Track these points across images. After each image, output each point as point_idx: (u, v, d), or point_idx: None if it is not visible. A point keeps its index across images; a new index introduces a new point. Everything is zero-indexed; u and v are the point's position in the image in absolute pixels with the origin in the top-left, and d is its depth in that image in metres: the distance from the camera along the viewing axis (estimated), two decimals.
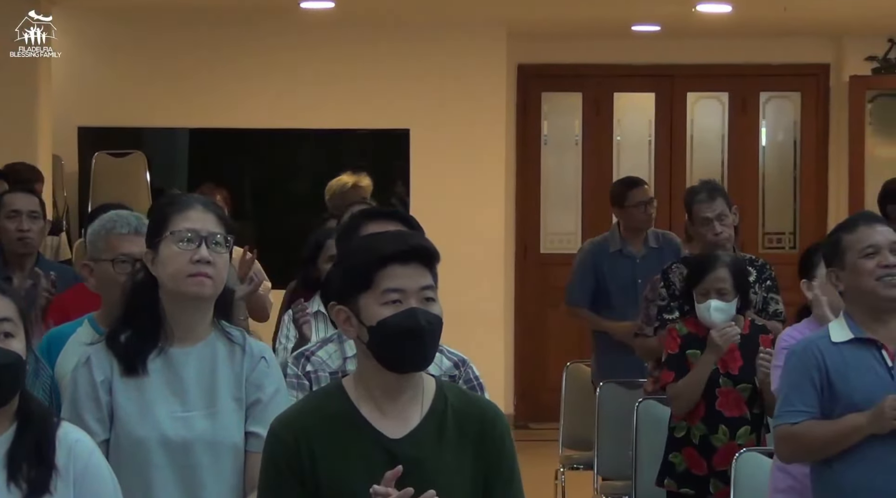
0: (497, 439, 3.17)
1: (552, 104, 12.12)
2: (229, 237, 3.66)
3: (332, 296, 3.19)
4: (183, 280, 3.59)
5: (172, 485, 3.57)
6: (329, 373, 3.95)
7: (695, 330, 5.89)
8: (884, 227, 4.45)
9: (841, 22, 11.11)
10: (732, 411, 5.80)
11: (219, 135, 11.14)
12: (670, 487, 5.90)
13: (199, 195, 3.83)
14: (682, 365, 5.85)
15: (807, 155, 12.00)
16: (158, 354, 3.62)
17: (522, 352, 11.81)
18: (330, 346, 4.01)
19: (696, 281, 5.85)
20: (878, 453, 4.24)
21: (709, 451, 5.80)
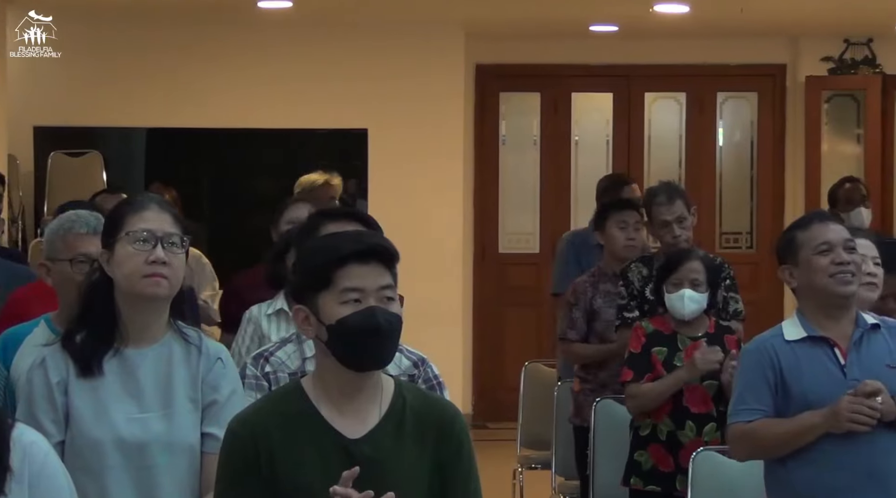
0: (455, 439, 3.17)
1: (510, 104, 12.13)
2: (185, 237, 3.64)
3: (292, 296, 3.18)
4: (139, 281, 3.57)
5: (128, 486, 3.55)
6: (288, 373, 3.93)
7: (661, 327, 5.91)
8: (837, 226, 4.48)
9: (797, 23, 11.16)
10: (699, 408, 5.82)
11: (176, 134, 11.11)
12: (636, 485, 5.91)
13: (155, 195, 3.80)
14: (644, 364, 5.86)
15: (763, 155, 12.05)
16: (114, 355, 3.60)
17: (481, 351, 11.82)
18: (289, 346, 4.00)
19: (670, 272, 5.87)
20: (831, 452, 4.27)
21: (675, 447, 5.82)
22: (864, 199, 8.28)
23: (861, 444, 4.25)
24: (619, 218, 6.87)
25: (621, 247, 6.82)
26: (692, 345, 5.87)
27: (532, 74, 11.94)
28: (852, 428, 4.22)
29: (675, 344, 5.89)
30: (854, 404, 4.22)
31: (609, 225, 6.89)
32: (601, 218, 6.98)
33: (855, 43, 11.71)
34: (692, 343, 5.87)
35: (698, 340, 5.89)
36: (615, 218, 6.88)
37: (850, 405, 4.22)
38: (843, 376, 4.31)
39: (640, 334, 5.92)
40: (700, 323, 5.92)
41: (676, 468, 5.79)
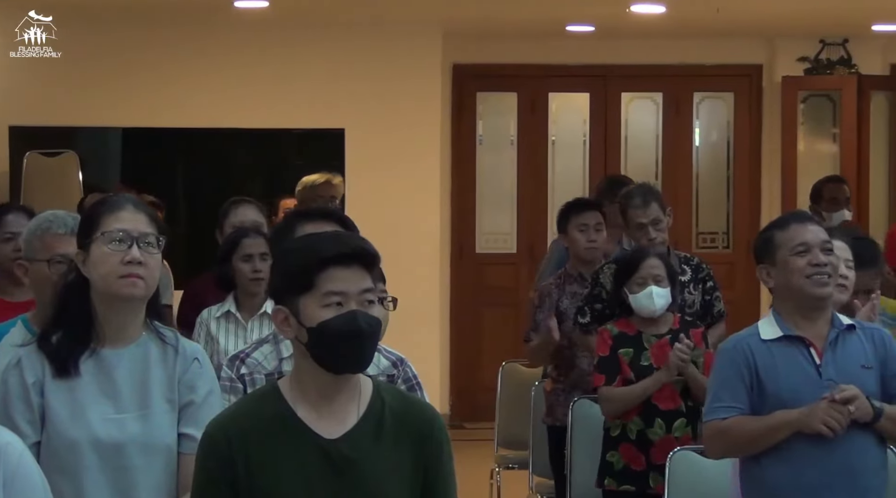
0: (434, 440, 3.17)
1: (487, 104, 12.13)
2: (161, 237, 3.63)
3: (271, 296, 3.18)
4: (115, 281, 3.56)
5: (104, 487, 3.54)
6: (264, 374, 3.92)
7: (626, 329, 5.93)
8: (815, 226, 4.50)
9: (773, 23, 11.19)
10: (668, 404, 5.84)
11: (152, 134, 11.08)
12: (610, 486, 5.93)
13: (130, 195, 3.79)
14: (614, 366, 5.88)
15: (740, 155, 12.08)
16: (90, 356, 3.59)
17: (458, 351, 11.82)
18: (265, 347, 3.98)
19: (631, 272, 5.89)
20: (805, 450, 4.28)
21: (646, 445, 5.84)
22: (848, 202, 8.32)
23: (835, 443, 4.27)
24: (579, 221, 6.89)
25: (583, 249, 6.84)
26: (657, 343, 5.89)
27: (509, 74, 11.95)
28: (823, 431, 4.23)
29: (640, 344, 5.91)
30: (831, 410, 4.23)
31: (570, 228, 6.91)
32: (563, 220, 6.99)
33: (831, 43, 11.75)
34: (657, 341, 5.89)
35: (663, 337, 5.91)
36: (575, 221, 6.90)
37: (827, 409, 4.24)
38: (819, 376, 4.33)
39: (606, 338, 5.94)
40: (664, 321, 5.95)
41: (648, 466, 5.82)
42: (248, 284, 5.88)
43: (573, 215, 6.92)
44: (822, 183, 8.66)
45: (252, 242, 5.94)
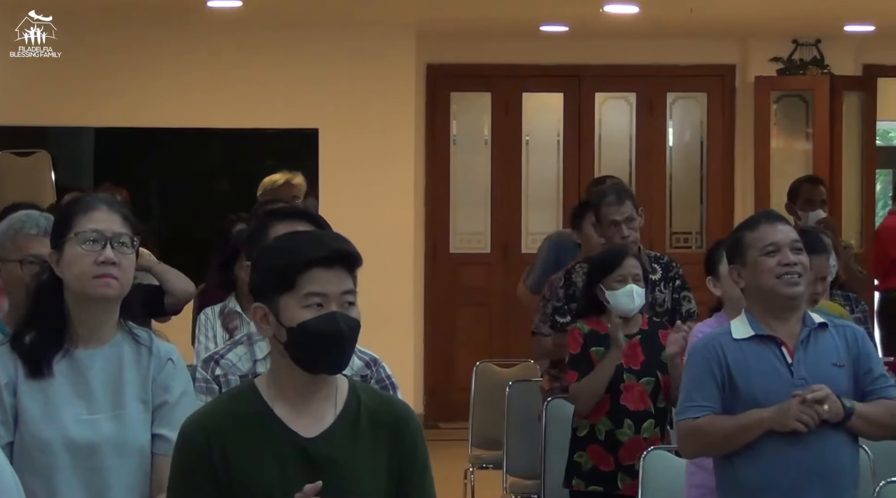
0: (410, 438, 3.18)
1: (461, 104, 12.14)
2: (135, 238, 3.63)
3: (251, 293, 3.18)
4: (88, 281, 3.55)
5: (77, 488, 3.53)
6: (239, 376, 3.92)
7: (597, 327, 5.93)
8: (785, 226, 4.50)
9: (746, 23, 11.22)
10: (637, 405, 5.85)
11: (125, 134, 11.05)
12: (578, 486, 5.93)
13: (104, 195, 3.78)
14: (586, 364, 5.89)
15: (713, 155, 12.11)
16: (64, 356, 3.58)
17: (432, 351, 11.82)
18: (239, 348, 3.98)
19: (610, 270, 5.89)
20: (779, 449, 4.29)
21: (615, 446, 5.84)
22: (824, 203, 8.35)
23: (807, 442, 4.28)
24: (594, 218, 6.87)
25: (597, 245, 6.83)
26: (628, 343, 5.89)
27: (483, 74, 11.95)
28: (798, 427, 4.24)
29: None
30: (804, 409, 4.24)
31: (585, 224, 6.94)
32: (578, 217, 7.01)
33: (803, 44, 11.79)
34: (628, 341, 5.90)
35: (633, 337, 5.93)
36: (591, 217, 6.89)
37: (800, 407, 4.25)
38: (791, 375, 4.34)
39: (577, 336, 5.95)
40: (634, 321, 5.96)
41: (617, 467, 5.82)
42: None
43: (589, 212, 6.93)
44: (799, 182, 8.68)
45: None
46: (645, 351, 5.89)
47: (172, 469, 3.15)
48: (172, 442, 3.54)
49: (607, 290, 5.89)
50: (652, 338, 5.92)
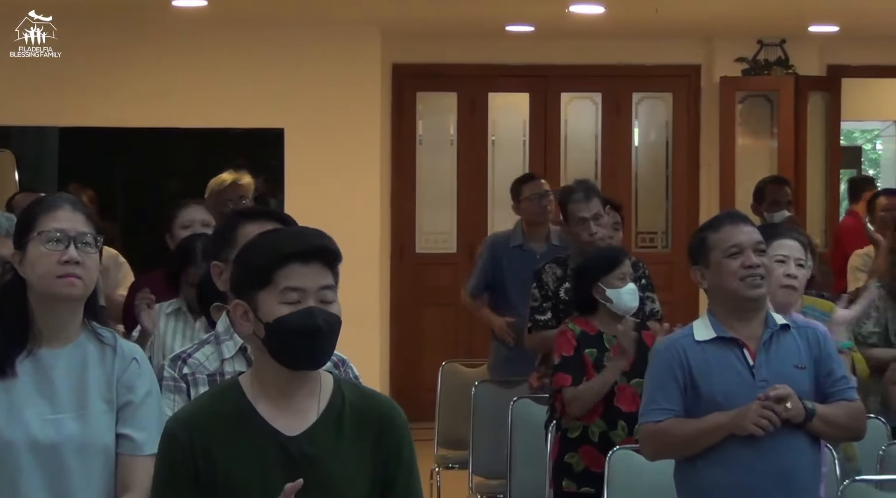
0: (396, 433, 3.19)
1: (427, 104, 12.13)
2: (99, 237, 3.61)
3: (231, 290, 3.19)
4: (52, 281, 3.54)
5: (41, 488, 3.51)
6: (207, 375, 3.91)
7: (586, 328, 5.92)
8: (749, 227, 4.49)
9: (711, 24, 11.25)
10: (630, 407, 5.85)
11: (90, 134, 11.00)
12: (569, 487, 5.91)
13: (67, 195, 3.77)
14: (580, 366, 5.87)
15: (678, 155, 12.14)
16: (27, 356, 3.56)
17: (398, 351, 11.81)
18: (207, 347, 3.97)
19: (612, 268, 5.88)
20: (741, 453, 4.29)
21: (608, 447, 5.82)
22: (790, 204, 8.38)
23: (769, 444, 4.27)
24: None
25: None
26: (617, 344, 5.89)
27: (449, 74, 11.95)
28: (755, 431, 4.24)
29: (602, 344, 5.91)
30: (763, 410, 4.24)
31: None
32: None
33: (768, 44, 11.83)
34: (617, 342, 5.90)
35: None
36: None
37: (758, 410, 4.24)
38: (752, 377, 4.33)
39: (570, 337, 5.91)
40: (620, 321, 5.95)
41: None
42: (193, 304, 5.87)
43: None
44: (764, 183, 8.71)
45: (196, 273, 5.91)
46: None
47: (156, 467, 3.15)
48: (137, 442, 3.54)
49: (609, 288, 5.87)
50: (637, 339, 5.92)
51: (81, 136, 11.04)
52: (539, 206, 7.92)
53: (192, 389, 3.88)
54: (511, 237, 8.01)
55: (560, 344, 5.95)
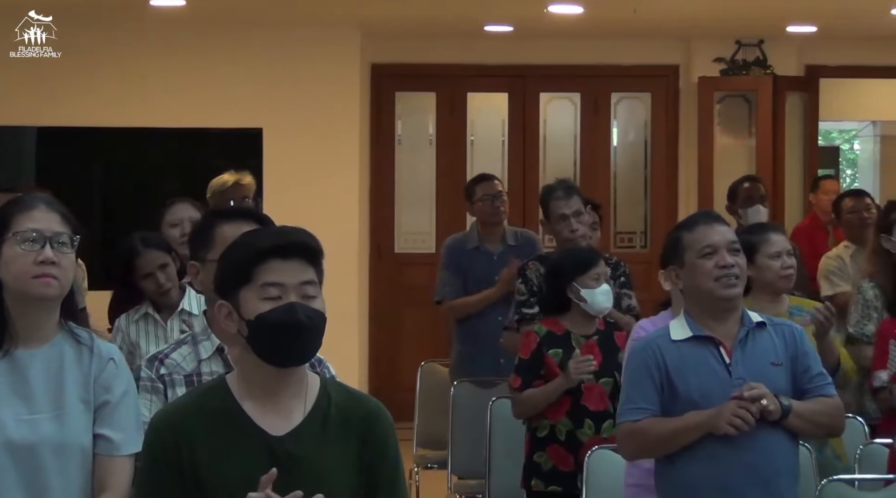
0: (381, 433, 3.20)
1: (406, 104, 12.13)
2: (75, 237, 3.60)
3: (216, 292, 3.19)
4: (28, 281, 3.52)
5: (17, 488, 3.50)
6: (183, 375, 3.91)
7: (553, 328, 5.93)
8: (723, 227, 4.49)
9: (690, 24, 11.27)
10: (597, 406, 5.86)
11: (68, 133, 10.97)
12: (538, 487, 5.94)
13: (43, 194, 3.76)
14: (534, 370, 5.90)
15: (657, 155, 12.16)
16: (3, 356, 3.56)
17: (377, 351, 11.81)
18: (184, 348, 3.97)
19: (584, 270, 5.89)
20: (718, 451, 4.29)
21: (575, 446, 5.85)
22: (763, 199, 8.39)
23: (746, 441, 4.27)
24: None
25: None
26: (586, 343, 5.91)
27: (427, 74, 11.95)
28: (729, 431, 4.24)
29: (569, 344, 5.92)
30: (738, 410, 4.25)
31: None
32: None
33: (746, 44, 11.85)
34: (586, 342, 5.91)
35: (591, 339, 5.94)
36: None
37: (733, 409, 4.25)
38: (729, 375, 4.34)
39: (531, 340, 5.94)
40: (592, 322, 5.97)
41: (577, 467, 5.82)
42: (160, 297, 5.88)
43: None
44: (737, 183, 8.72)
45: (146, 261, 5.91)
46: (602, 352, 5.90)
47: (141, 465, 3.17)
48: (114, 442, 3.53)
49: (583, 288, 5.88)
50: (608, 339, 5.94)
51: (59, 136, 11.00)
52: (492, 206, 7.90)
53: (169, 389, 3.87)
54: (467, 239, 8.01)
55: (522, 346, 5.98)
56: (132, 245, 6.03)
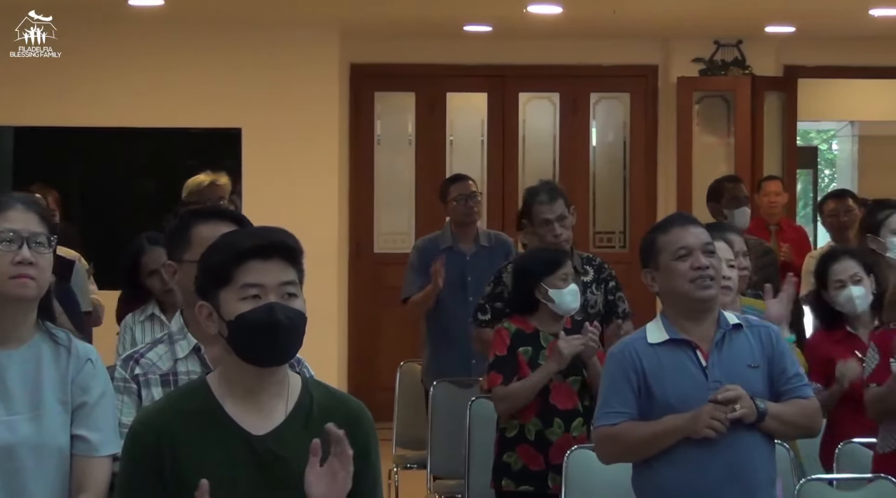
0: (363, 435, 3.19)
1: (385, 104, 12.12)
2: (52, 237, 3.59)
3: (197, 293, 3.19)
4: (5, 282, 3.51)
5: None
6: (159, 375, 3.89)
7: (523, 327, 5.93)
8: (697, 229, 4.48)
9: (668, 24, 11.29)
10: (566, 404, 5.86)
11: (46, 133, 10.94)
12: (508, 487, 5.93)
13: (20, 194, 3.75)
14: (511, 366, 5.89)
15: (636, 155, 12.17)
16: None
17: (356, 351, 11.80)
18: (160, 347, 3.96)
19: (555, 269, 5.89)
20: (695, 454, 4.29)
21: (545, 445, 5.85)
22: (746, 199, 8.42)
23: (722, 444, 4.28)
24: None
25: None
26: (553, 342, 5.90)
27: (407, 74, 11.94)
28: (708, 434, 4.25)
29: (538, 342, 5.92)
30: (715, 412, 4.25)
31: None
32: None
33: (725, 44, 11.88)
34: (554, 340, 5.91)
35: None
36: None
37: (711, 412, 4.25)
38: (705, 378, 4.34)
39: (504, 336, 5.94)
40: (560, 321, 5.97)
41: (547, 466, 5.83)
42: (164, 295, 5.89)
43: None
44: (719, 182, 8.74)
45: (151, 258, 5.93)
46: None
47: (121, 466, 3.15)
48: (92, 443, 3.52)
49: (551, 288, 5.88)
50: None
51: (38, 136, 10.97)
52: (465, 207, 7.91)
53: (143, 389, 3.86)
54: (440, 239, 8.01)
55: (495, 343, 5.97)
56: (139, 243, 6.09)
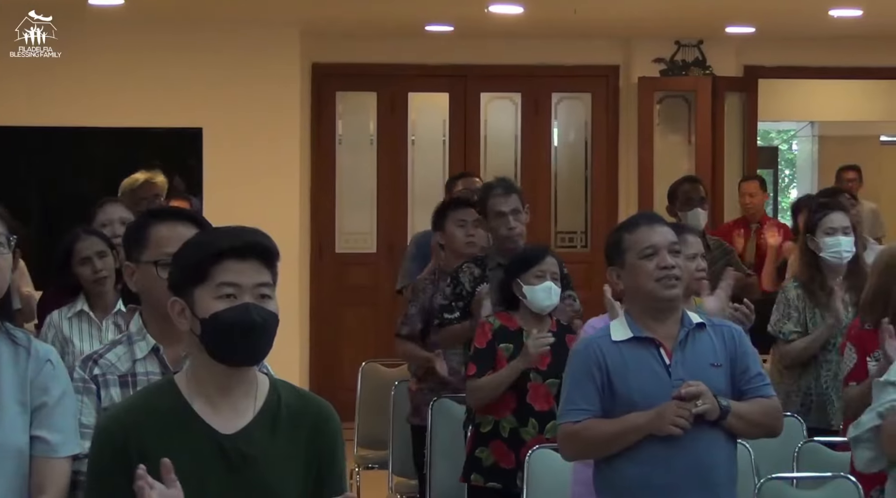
0: (330, 435, 3.21)
1: (347, 103, 12.12)
2: (12, 237, 3.57)
3: (170, 289, 3.19)
4: None
5: None
6: (118, 375, 3.87)
7: (507, 323, 5.94)
8: (664, 228, 4.50)
9: (629, 24, 11.32)
10: (542, 405, 5.87)
11: (4, 133, 10.88)
12: (477, 482, 5.94)
13: None
14: (488, 359, 5.89)
15: (598, 155, 12.20)
16: None
17: (318, 351, 11.79)
18: (119, 348, 3.93)
19: (530, 265, 5.90)
20: (657, 451, 4.30)
21: (518, 444, 5.86)
22: (703, 201, 8.45)
23: (684, 442, 4.29)
24: (457, 216, 6.94)
25: (462, 244, 6.88)
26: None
27: (368, 74, 11.94)
28: (673, 432, 4.26)
29: (520, 340, 5.92)
30: (680, 410, 4.26)
31: (448, 223, 6.96)
32: (440, 217, 7.03)
33: (686, 45, 11.92)
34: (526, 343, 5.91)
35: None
36: (453, 216, 6.95)
37: (675, 409, 4.26)
38: (669, 376, 4.35)
39: (486, 330, 5.95)
40: (544, 322, 5.97)
41: (517, 465, 5.84)
42: (93, 285, 5.85)
43: (451, 211, 6.96)
44: (676, 184, 8.77)
45: (85, 245, 5.91)
46: (552, 353, 5.90)
47: (89, 465, 3.15)
48: (52, 444, 3.50)
49: (525, 284, 5.89)
50: (559, 341, 5.93)
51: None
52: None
53: (102, 390, 3.83)
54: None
55: (477, 335, 5.98)
56: (74, 232, 6.06)
